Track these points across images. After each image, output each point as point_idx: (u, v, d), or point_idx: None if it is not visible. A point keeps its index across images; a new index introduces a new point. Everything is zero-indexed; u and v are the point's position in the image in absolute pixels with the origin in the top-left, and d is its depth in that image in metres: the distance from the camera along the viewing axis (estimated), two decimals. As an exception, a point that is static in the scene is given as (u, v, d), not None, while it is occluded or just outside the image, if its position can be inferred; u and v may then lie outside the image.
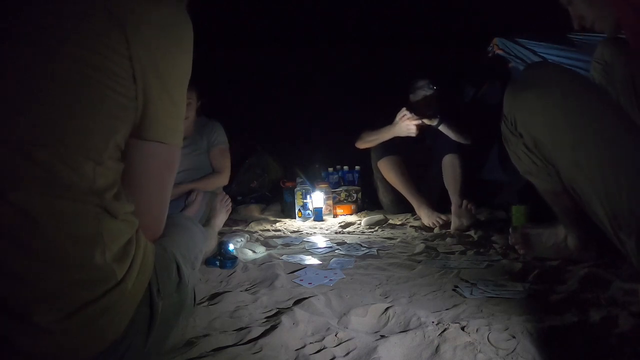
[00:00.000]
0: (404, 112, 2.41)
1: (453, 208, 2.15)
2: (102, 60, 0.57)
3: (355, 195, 2.93)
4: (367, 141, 2.59)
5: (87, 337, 0.57)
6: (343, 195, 2.91)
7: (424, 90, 2.56)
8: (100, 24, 0.57)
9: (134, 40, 0.58)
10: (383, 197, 2.71)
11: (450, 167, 2.36)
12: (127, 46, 0.58)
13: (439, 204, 2.34)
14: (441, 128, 2.44)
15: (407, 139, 2.49)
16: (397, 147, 2.52)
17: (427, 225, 2.24)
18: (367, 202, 2.99)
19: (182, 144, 0.73)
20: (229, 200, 2.01)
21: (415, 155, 2.59)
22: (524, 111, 1.01)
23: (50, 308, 0.53)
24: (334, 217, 2.80)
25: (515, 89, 1.05)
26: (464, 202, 2.11)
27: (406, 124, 2.40)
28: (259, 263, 1.50)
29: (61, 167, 0.54)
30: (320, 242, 1.93)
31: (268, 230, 2.34)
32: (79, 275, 0.55)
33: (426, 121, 2.43)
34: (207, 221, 1.85)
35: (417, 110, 2.47)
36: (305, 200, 2.72)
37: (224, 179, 2.31)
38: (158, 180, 0.72)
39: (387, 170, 2.50)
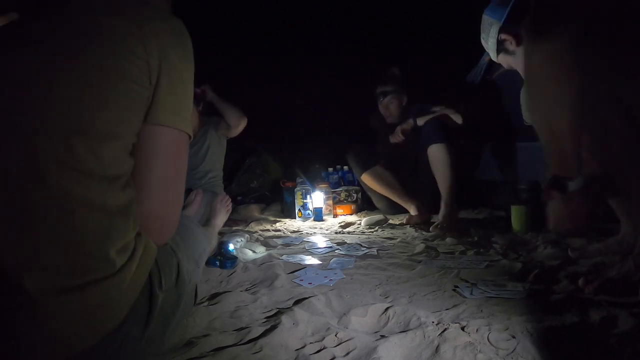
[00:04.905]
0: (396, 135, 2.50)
1: (442, 207, 2.11)
2: (124, 63, 0.65)
3: (355, 195, 2.93)
4: None
5: (83, 324, 0.59)
6: (343, 195, 2.91)
7: (381, 98, 2.69)
8: (122, 36, 0.66)
9: (150, 45, 0.67)
10: (377, 204, 2.77)
11: (436, 160, 2.18)
12: (144, 49, 0.66)
13: (436, 198, 2.23)
14: (419, 120, 2.38)
15: (391, 149, 2.59)
16: (376, 157, 2.59)
17: (413, 215, 2.33)
18: (367, 202, 2.99)
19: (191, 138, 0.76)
20: (229, 200, 2.01)
21: (404, 163, 2.62)
22: None
23: (43, 277, 0.56)
24: (334, 217, 2.80)
25: None
26: (447, 220, 2.05)
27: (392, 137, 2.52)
28: (259, 263, 1.50)
29: (88, 155, 0.60)
30: (320, 242, 1.93)
31: (268, 230, 2.34)
32: (79, 257, 0.58)
33: (403, 126, 2.46)
34: (207, 221, 1.85)
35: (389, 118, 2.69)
36: (305, 200, 2.72)
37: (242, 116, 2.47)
38: (168, 169, 0.71)
39: (371, 183, 2.58)
